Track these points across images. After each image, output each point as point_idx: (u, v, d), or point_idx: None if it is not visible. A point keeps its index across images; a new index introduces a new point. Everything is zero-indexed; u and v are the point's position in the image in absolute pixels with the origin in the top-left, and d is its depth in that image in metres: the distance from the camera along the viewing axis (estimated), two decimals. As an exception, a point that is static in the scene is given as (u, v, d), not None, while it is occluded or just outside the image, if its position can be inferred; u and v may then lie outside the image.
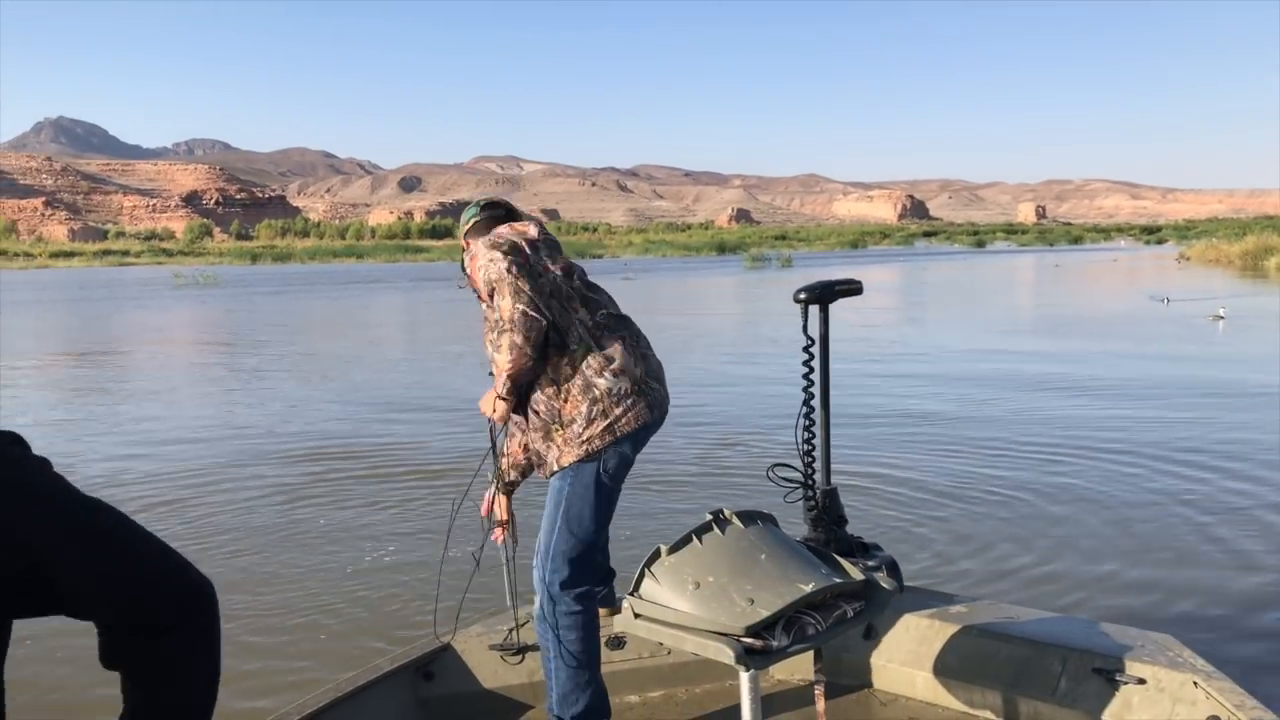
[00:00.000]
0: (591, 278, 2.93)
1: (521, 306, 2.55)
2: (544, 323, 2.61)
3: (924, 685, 3.14)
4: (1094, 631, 3.06)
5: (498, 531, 3.07)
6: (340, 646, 4.30)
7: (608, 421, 2.67)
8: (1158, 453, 7.69)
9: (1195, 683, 2.70)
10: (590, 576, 2.79)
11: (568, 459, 2.68)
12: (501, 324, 2.57)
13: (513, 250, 2.65)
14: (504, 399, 2.67)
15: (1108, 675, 2.84)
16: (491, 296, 2.62)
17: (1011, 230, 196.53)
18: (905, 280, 41.28)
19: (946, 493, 6.67)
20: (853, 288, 3.79)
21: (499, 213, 3.00)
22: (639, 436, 2.75)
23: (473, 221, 2.98)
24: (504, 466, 3.04)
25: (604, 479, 2.71)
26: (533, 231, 2.84)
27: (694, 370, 12.81)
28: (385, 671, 3.00)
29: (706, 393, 10.98)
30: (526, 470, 3.06)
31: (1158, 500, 6.38)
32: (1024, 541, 5.64)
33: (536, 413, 2.72)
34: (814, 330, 3.55)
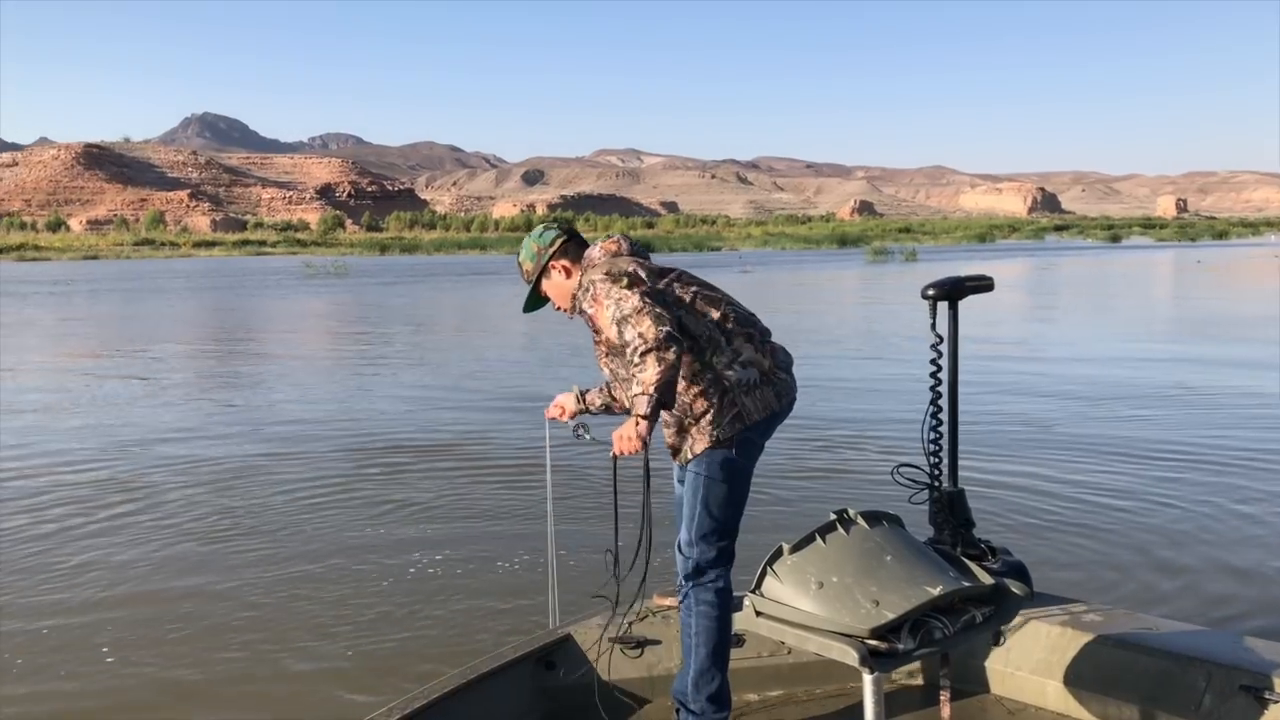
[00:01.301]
0: (707, 271, 2.96)
1: (666, 329, 2.58)
2: (683, 341, 2.65)
3: (1055, 695, 3.04)
4: (1241, 647, 2.91)
5: (555, 413, 3.26)
6: (457, 634, 4.39)
7: (736, 410, 2.76)
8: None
9: None
10: (730, 558, 2.88)
11: (700, 447, 2.76)
12: (645, 345, 2.56)
13: (635, 280, 2.73)
14: (647, 418, 2.60)
15: (1257, 693, 2.70)
16: (619, 325, 2.65)
17: (1149, 224, 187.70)
18: (1035, 276, 39.92)
19: (1077, 498, 6.43)
20: (984, 284, 3.69)
21: (575, 234, 3.08)
22: (768, 425, 2.85)
23: (558, 244, 3.00)
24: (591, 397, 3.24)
25: (736, 465, 2.79)
26: (625, 250, 2.94)
27: (816, 368, 12.66)
28: (508, 660, 3.07)
29: (829, 391, 10.83)
30: (606, 406, 3.22)
31: None
32: (1161, 551, 5.38)
33: (670, 409, 2.76)
34: (942, 328, 3.47)
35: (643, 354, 2.55)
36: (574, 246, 3.00)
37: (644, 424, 2.63)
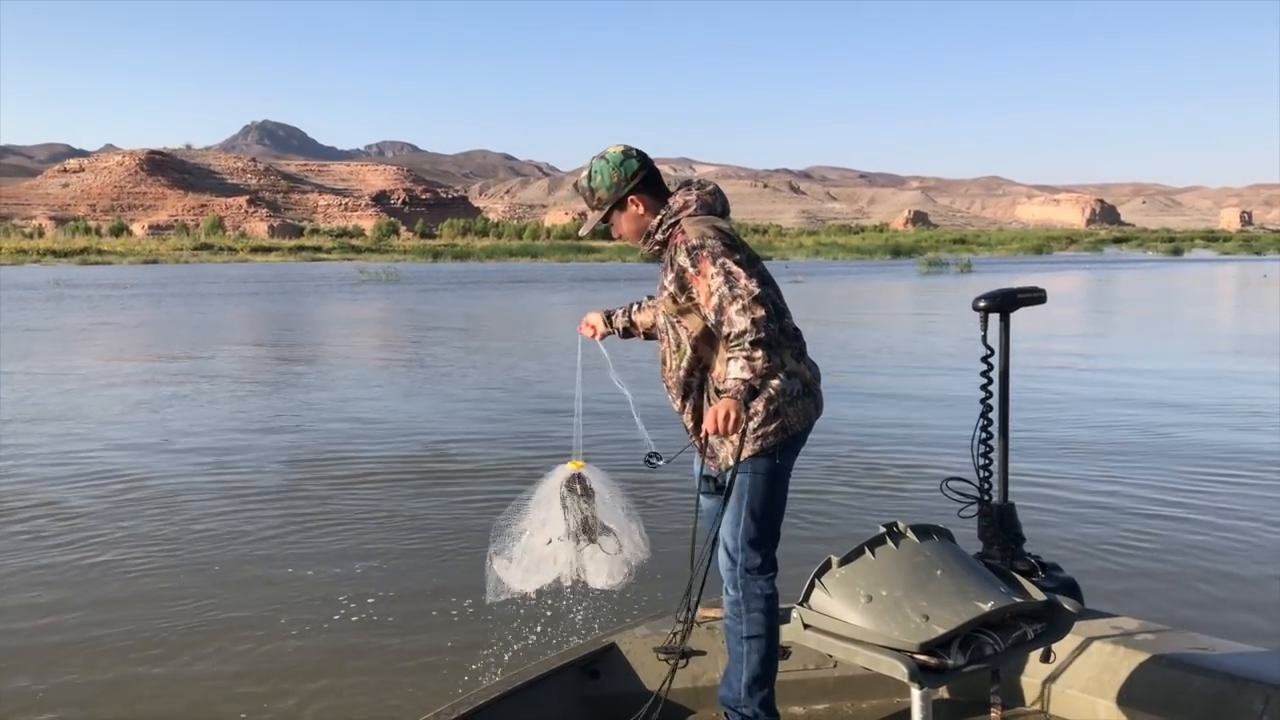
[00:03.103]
0: None
1: (775, 326, 2.60)
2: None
3: (1106, 714, 3.00)
4: None
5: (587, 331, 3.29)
6: (503, 648, 4.42)
7: (780, 420, 2.74)
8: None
9: None
10: (774, 565, 2.87)
11: (747, 451, 2.72)
12: (759, 335, 2.55)
13: (752, 260, 2.72)
14: (753, 380, 2.56)
15: None
16: (726, 303, 2.61)
17: (1212, 237, 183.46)
18: (1093, 289, 39.26)
19: (1132, 513, 6.34)
20: (1036, 296, 3.66)
21: (653, 169, 2.95)
22: (805, 435, 2.84)
23: (639, 177, 2.90)
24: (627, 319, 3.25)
25: (779, 472, 2.79)
26: (719, 208, 2.93)
27: (868, 380, 12.58)
28: (553, 668, 3.09)
29: (880, 404, 10.76)
30: (627, 330, 3.25)
31: None
32: (1217, 569, 5.30)
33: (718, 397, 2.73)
34: (993, 340, 3.45)
35: (753, 344, 2.54)
36: (652, 182, 2.92)
37: (742, 410, 2.59)
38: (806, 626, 2.57)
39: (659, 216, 2.88)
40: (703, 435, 2.79)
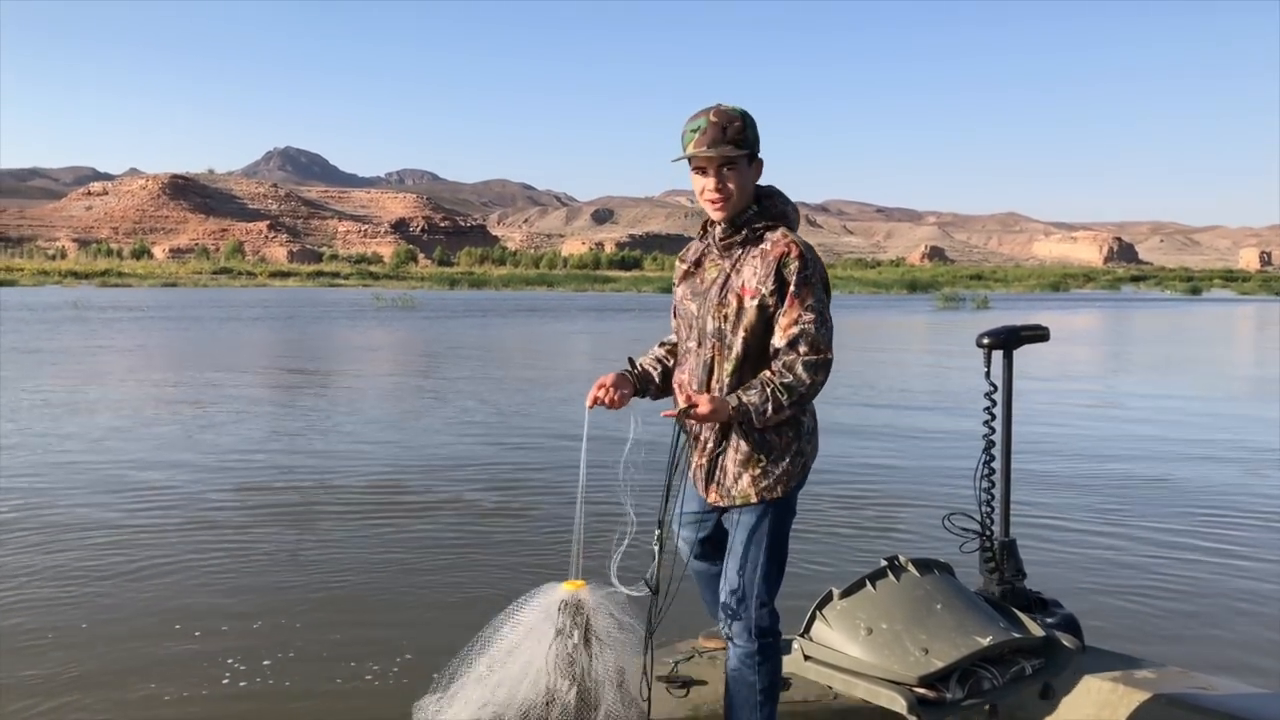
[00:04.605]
0: None
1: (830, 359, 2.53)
2: None
3: (1105, 752, 3.02)
4: None
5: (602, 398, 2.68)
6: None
7: (803, 460, 2.63)
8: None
9: None
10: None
11: (770, 494, 2.57)
12: (821, 358, 2.48)
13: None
14: (751, 418, 2.46)
15: None
16: (804, 329, 2.50)
17: (1231, 277, 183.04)
18: (1111, 327, 39.14)
19: (1136, 554, 6.33)
20: (1039, 334, 3.71)
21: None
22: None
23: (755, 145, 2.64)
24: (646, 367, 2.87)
25: (794, 511, 2.66)
26: None
27: (875, 414, 12.60)
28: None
29: (885, 438, 10.77)
30: (643, 381, 2.82)
31: None
32: (1218, 610, 5.28)
33: (749, 436, 2.58)
34: (998, 376, 3.50)
35: (798, 400, 2.47)
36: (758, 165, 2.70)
37: (734, 416, 2.46)
38: (807, 658, 2.60)
39: (756, 204, 2.67)
40: (702, 461, 2.63)
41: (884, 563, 2.71)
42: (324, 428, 11.13)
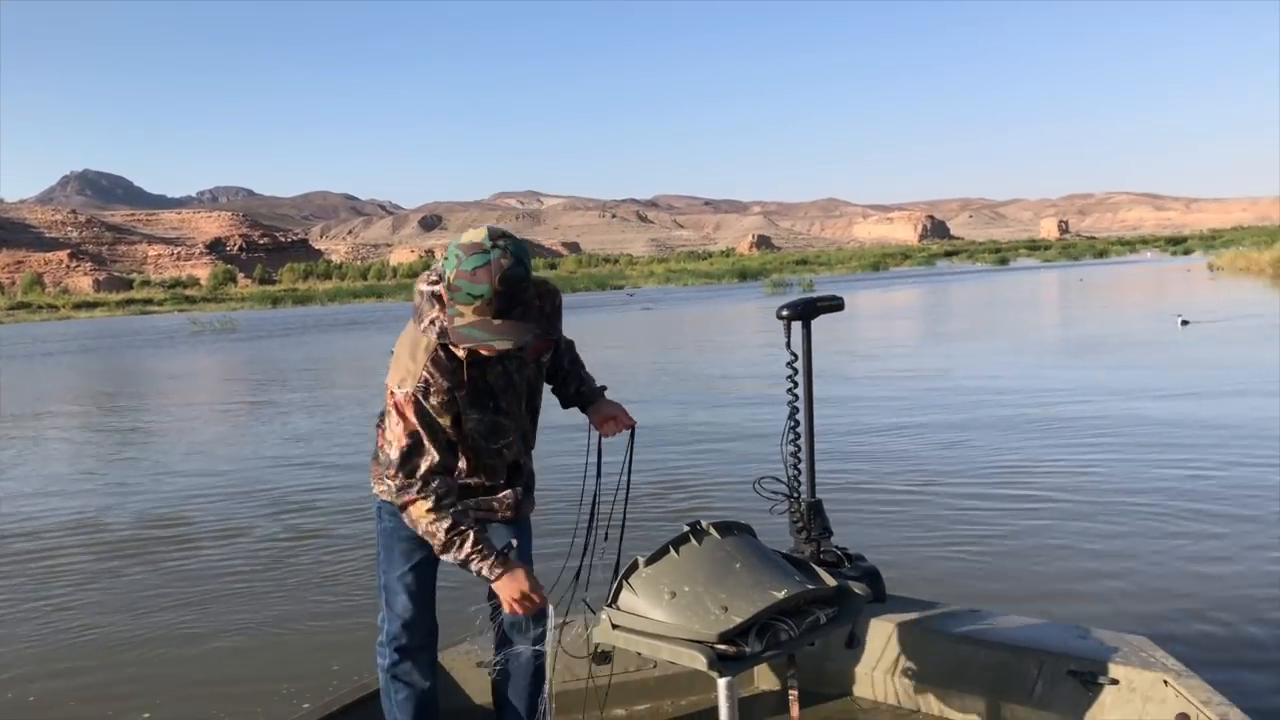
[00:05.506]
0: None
1: None
2: None
3: (904, 692, 3.18)
4: (1070, 635, 3.10)
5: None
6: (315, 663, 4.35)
7: None
8: (1131, 476, 7.74)
9: (1166, 681, 2.74)
10: None
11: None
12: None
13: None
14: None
15: (1083, 677, 2.88)
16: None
17: (1034, 246, 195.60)
18: (925, 301, 41.16)
19: (941, 506, 6.82)
20: (834, 304, 3.89)
21: None
22: None
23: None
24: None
25: None
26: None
27: (700, 392, 12.88)
28: (370, 691, 3.07)
29: (709, 413, 11.04)
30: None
31: (1137, 510, 6.49)
32: (1008, 551, 5.77)
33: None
34: (798, 346, 3.64)
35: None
36: None
37: None
38: (615, 627, 2.64)
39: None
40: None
41: (686, 528, 2.78)
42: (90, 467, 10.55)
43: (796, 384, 3.66)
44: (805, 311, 3.75)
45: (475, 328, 2.30)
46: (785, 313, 3.72)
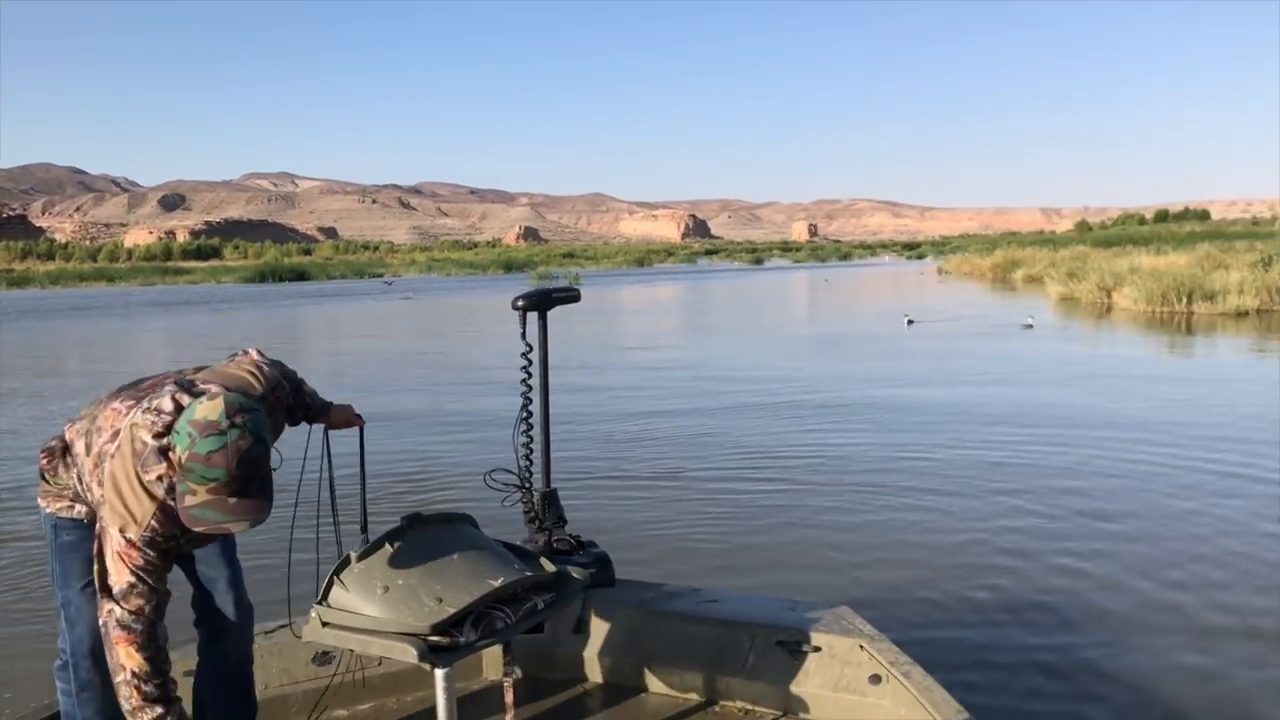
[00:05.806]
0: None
1: None
2: None
3: (631, 672, 3.25)
4: (781, 608, 3.27)
5: None
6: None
7: None
8: (853, 454, 8.34)
9: (861, 646, 2.95)
10: None
11: None
12: None
13: None
14: None
15: (789, 646, 3.05)
16: None
17: (787, 248, 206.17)
18: (685, 297, 42.51)
19: (682, 490, 7.15)
20: (570, 295, 3.92)
21: None
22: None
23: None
24: None
25: None
26: None
27: (459, 381, 12.74)
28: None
29: (465, 403, 10.94)
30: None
31: (861, 488, 7.07)
32: (742, 530, 6.13)
33: None
34: (533, 337, 3.63)
35: None
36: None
37: None
38: (325, 624, 2.54)
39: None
40: None
41: (402, 521, 2.72)
42: None
43: (531, 375, 3.65)
44: (541, 302, 3.75)
45: (209, 508, 2.16)
46: (520, 303, 3.71)
